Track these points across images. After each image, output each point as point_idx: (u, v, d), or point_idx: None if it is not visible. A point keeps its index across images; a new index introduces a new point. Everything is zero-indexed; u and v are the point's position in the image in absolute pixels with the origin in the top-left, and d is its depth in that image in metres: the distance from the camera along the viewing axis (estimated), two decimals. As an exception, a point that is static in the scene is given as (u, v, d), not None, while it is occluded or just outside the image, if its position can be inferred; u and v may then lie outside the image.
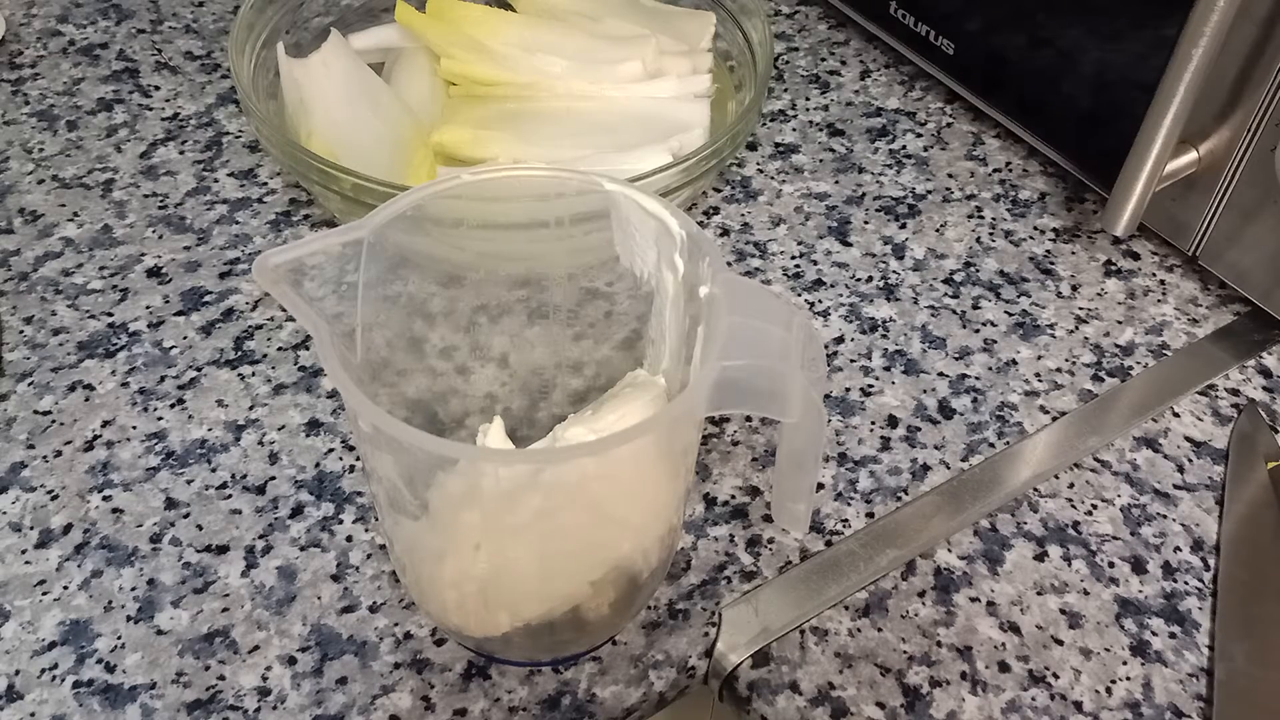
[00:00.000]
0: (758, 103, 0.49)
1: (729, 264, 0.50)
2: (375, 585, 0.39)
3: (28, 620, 0.37)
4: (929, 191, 0.54)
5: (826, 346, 0.47)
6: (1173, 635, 0.39)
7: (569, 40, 0.53)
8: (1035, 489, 0.43)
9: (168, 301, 0.47)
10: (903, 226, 0.53)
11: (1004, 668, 0.37)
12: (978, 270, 0.51)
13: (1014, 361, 0.47)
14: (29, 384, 0.44)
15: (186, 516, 0.40)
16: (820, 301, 0.49)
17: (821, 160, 0.56)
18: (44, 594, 0.38)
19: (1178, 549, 0.41)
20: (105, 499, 0.41)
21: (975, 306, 0.49)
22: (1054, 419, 0.45)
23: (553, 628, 0.35)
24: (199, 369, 0.45)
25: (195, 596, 0.38)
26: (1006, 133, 0.57)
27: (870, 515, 0.41)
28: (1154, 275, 0.51)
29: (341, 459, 0.42)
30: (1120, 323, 0.49)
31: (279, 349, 0.46)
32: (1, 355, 0.45)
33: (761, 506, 0.41)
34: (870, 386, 0.46)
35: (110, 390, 0.44)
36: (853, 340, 0.48)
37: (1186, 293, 0.50)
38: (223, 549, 0.39)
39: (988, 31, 0.53)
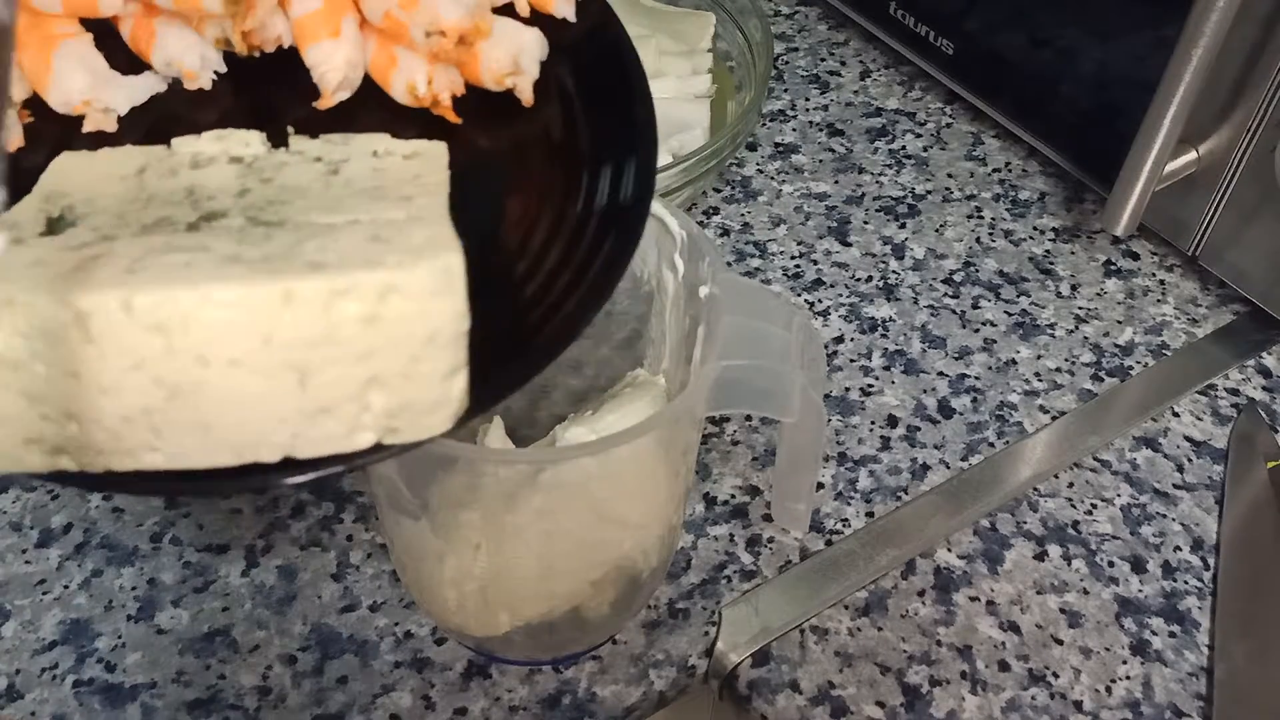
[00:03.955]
0: (758, 103, 0.49)
1: (729, 264, 0.50)
2: (375, 585, 0.39)
3: (28, 620, 0.37)
4: (929, 191, 0.54)
5: (826, 346, 0.47)
6: (1172, 635, 0.39)
7: (569, 40, 0.53)
8: (1035, 488, 0.43)
9: (168, 301, 0.47)
10: (902, 226, 0.53)
11: (1004, 667, 0.37)
12: (977, 270, 0.51)
13: (1014, 361, 0.47)
14: (29, 384, 0.44)
15: (187, 516, 0.40)
16: (820, 301, 0.49)
17: (821, 160, 0.56)
18: (44, 593, 0.38)
19: (1177, 549, 0.41)
20: (105, 498, 0.41)
21: (975, 306, 0.49)
22: (1054, 419, 0.45)
23: (553, 627, 0.35)
24: (199, 369, 0.45)
25: (195, 596, 0.38)
26: (1006, 133, 0.57)
27: (870, 515, 0.41)
28: (1154, 275, 0.51)
29: (342, 459, 0.42)
30: (1120, 322, 0.49)
31: (279, 349, 0.46)
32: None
33: (761, 506, 0.41)
34: (870, 386, 0.46)
35: (110, 390, 0.44)
36: (853, 340, 0.48)
37: (1186, 293, 0.50)
38: (223, 548, 0.39)
39: (987, 31, 0.53)
